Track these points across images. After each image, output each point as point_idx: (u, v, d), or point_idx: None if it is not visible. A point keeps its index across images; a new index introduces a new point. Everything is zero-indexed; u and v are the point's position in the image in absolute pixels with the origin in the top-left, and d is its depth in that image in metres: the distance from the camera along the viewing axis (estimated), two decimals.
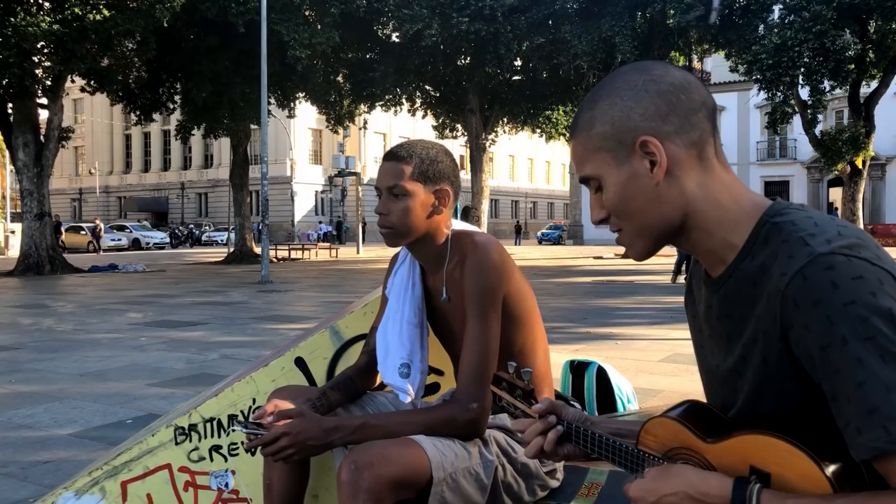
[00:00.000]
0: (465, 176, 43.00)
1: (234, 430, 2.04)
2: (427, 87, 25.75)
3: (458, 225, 1.84)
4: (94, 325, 8.34)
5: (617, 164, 0.99)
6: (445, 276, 1.75)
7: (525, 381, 1.29)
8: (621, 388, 3.23)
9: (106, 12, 15.87)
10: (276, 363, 2.15)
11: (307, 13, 19.37)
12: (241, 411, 2.14)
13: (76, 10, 15.73)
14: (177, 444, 2.11)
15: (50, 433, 3.88)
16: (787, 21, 18.14)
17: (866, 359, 0.82)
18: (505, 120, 27.00)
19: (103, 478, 2.07)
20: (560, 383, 3.37)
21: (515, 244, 42.41)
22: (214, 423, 2.12)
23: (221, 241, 39.71)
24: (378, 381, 1.94)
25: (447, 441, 1.57)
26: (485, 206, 25.79)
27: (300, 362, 2.15)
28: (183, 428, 2.11)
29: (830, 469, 0.86)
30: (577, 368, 3.28)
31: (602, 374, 3.21)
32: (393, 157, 1.73)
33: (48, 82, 17.87)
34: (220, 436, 2.12)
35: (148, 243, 38.21)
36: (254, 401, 2.14)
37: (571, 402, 2.63)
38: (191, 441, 2.11)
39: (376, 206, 1.77)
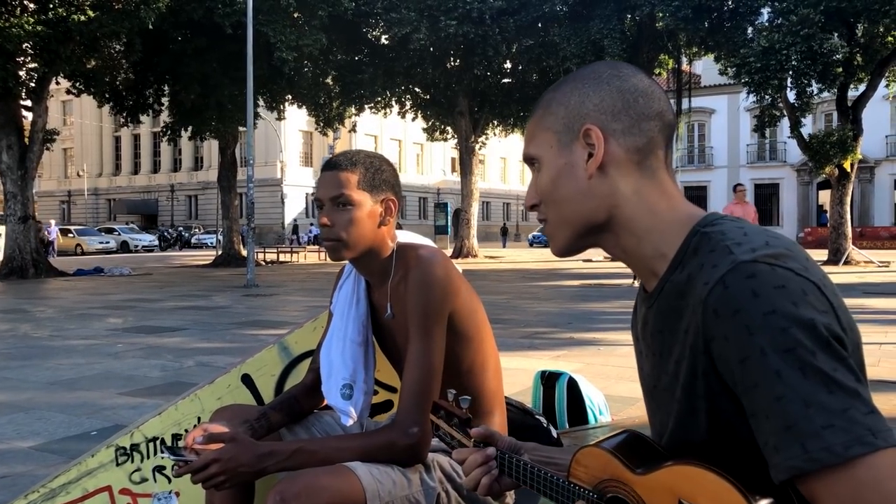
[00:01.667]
0: (456, 178, 42.98)
1: (162, 457, 1.95)
2: (416, 90, 25.71)
3: (405, 237, 1.77)
4: (72, 331, 8.22)
5: (559, 147, 0.98)
6: (390, 291, 1.68)
7: (463, 410, 1.22)
8: (592, 399, 3.16)
9: (91, 13, 15.72)
10: (221, 380, 2.07)
11: (295, 15, 19.27)
12: (186, 429, 2.06)
13: (60, 11, 15.58)
14: (118, 464, 2.02)
15: (10, 445, 3.78)
16: (775, 24, 18.15)
17: (785, 372, 0.76)
18: (495, 122, 26.98)
19: (40, 501, 1.98)
20: (531, 394, 3.30)
21: (502, 246, 42.41)
22: (157, 442, 2.04)
23: (211, 243, 39.53)
24: (325, 400, 1.86)
25: (385, 468, 1.49)
26: (475, 208, 25.75)
27: (247, 379, 2.07)
28: (124, 448, 2.02)
29: (761, 503, 0.80)
30: (549, 379, 3.21)
31: (573, 385, 3.14)
32: (336, 165, 1.66)
33: (32, 84, 17.71)
34: (166, 459, 2.04)
35: (136, 246, 37.99)
36: (199, 419, 2.05)
37: (537, 416, 2.55)
38: (133, 461, 2.03)
39: (318, 218, 1.70)
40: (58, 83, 19.62)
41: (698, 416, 0.88)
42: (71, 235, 36.32)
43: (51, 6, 15.67)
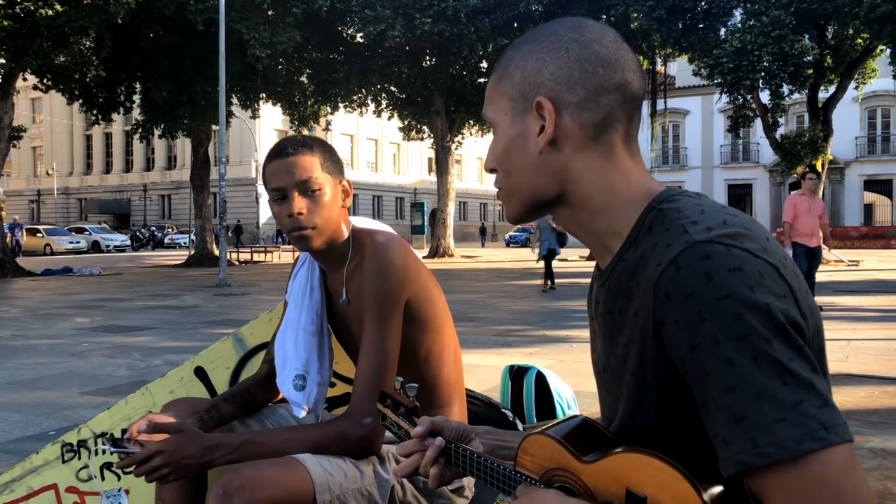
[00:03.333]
0: (432, 178, 42.92)
1: (104, 449, 1.87)
2: (392, 89, 25.60)
3: (360, 222, 1.71)
4: (35, 331, 8.03)
5: (513, 115, 0.93)
6: (345, 276, 1.62)
7: (410, 398, 1.16)
8: (561, 393, 3.12)
9: (59, 8, 15.42)
10: (173, 373, 1.99)
11: (269, 13, 19.08)
12: None
13: (27, 5, 15.27)
14: (64, 462, 1.94)
15: None
16: (747, 25, 18.37)
17: (738, 360, 0.72)
18: (471, 122, 26.96)
19: None
20: (499, 388, 3.26)
21: (481, 246, 42.54)
22: (105, 437, 1.96)
23: (183, 243, 39.04)
24: (281, 393, 1.80)
25: (336, 460, 1.43)
26: (451, 208, 25.72)
27: (200, 372, 2.00)
28: (71, 444, 1.94)
29: (710, 492, 0.76)
30: (517, 374, 3.17)
31: (541, 380, 3.11)
32: (293, 151, 1.55)
33: None
34: (113, 454, 1.96)
35: (108, 246, 37.34)
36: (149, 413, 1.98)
37: (503, 410, 2.51)
38: (80, 458, 1.94)
39: (283, 209, 1.54)
40: (25, 79, 19.20)
41: (648, 404, 0.84)
42: (40, 235, 35.61)
43: (18, 0, 15.34)
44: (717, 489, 0.76)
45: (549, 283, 12.43)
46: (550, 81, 0.89)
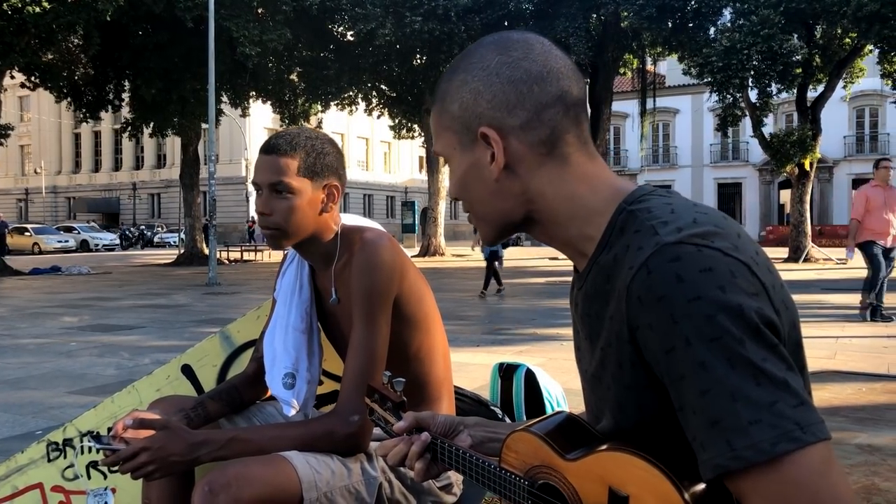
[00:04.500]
0: (423, 177, 42.93)
1: (88, 447, 1.86)
2: (383, 87, 25.56)
3: (349, 219, 1.71)
4: (23, 330, 7.97)
5: (461, 148, 0.92)
6: (334, 275, 1.61)
7: (397, 393, 1.16)
8: (550, 390, 3.12)
9: (46, 4, 15.30)
10: (160, 371, 1.98)
11: (258, 10, 19.00)
12: None
13: (15, 2, 15.14)
14: (49, 460, 1.92)
15: None
16: (736, 24, 18.42)
17: (711, 363, 0.72)
18: None
19: None
20: (489, 386, 3.26)
21: (476, 243, 42.56)
22: (91, 435, 1.95)
23: (173, 242, 38.85)
24: (269, 391, 1.79)
25: (323, 457, 1.42)
26: (442, 206, 25.71)
27: (187, 370, 1.99)
28: (56, 443, 1.93)
29: (691, 491, 0.76)
30: (506, 371, 3.17)
31: (531, 377, 3.10)
32: (275, 149, 1.55)
33: None
34: (98, 451, 1.95)
35: (97, 245, 37.09)
36: None
37: (493, 407, 2.51)
38: (65, 457, 1.93)
39: (256, 205, 1.60)
40: (12, 77, 19.06)
41: (629, 406, 0.84)
42: (28, 234, 35.33)
43: None
44: (699, 488, 0.76)
45: (485, 288, 11.44)
46: (489, 110, 0.89)
